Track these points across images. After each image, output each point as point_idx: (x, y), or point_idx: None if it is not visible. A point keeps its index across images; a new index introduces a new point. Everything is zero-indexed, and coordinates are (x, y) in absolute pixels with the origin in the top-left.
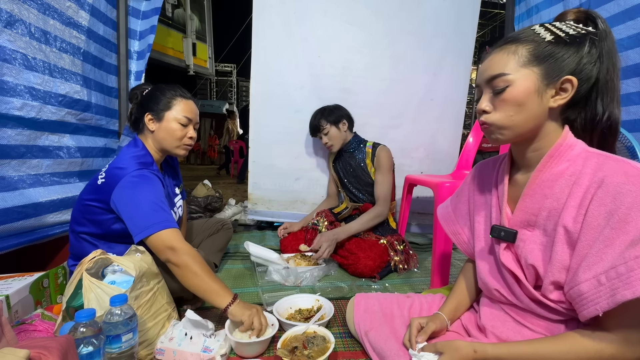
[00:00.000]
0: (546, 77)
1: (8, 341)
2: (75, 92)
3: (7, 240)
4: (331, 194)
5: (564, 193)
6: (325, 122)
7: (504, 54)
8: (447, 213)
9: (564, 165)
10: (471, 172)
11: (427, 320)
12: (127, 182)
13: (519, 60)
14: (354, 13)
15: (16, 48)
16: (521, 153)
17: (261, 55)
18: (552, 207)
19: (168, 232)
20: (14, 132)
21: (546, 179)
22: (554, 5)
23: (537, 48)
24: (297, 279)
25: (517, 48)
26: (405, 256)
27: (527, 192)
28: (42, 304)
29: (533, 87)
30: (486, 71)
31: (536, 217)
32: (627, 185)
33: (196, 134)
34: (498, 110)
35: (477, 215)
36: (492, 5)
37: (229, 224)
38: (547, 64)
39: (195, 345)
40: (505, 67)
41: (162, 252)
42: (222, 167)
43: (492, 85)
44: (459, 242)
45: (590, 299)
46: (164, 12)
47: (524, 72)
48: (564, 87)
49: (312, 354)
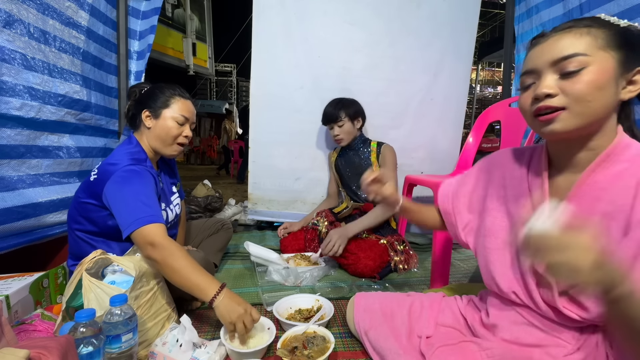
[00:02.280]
0: (623, 65)
1: (8, 341)
2: (75, 92)
3: (6, 240)
4: (331, 193)
5: (623, 196)
6: (344, 114)
7: (576, 35)
8: (447, 192)
9: (623, 165)
10: (487, 161)
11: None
12: (118, 177)
13: (595, 41)
14: (354, 13)
15: (15, 48)
16: (570, 151)
17: (261, 55)
18: (606, 211)
19: (150, 227)
20: (13, 132)
21: (600, 180)
22: (554, 5)
23: (615, 33)
24: (297, 279)
25: (590, 30)
26: (405, 256)
27: (574, 194)
28: (42, 304)
29: (612, 72)
30: (551, 52)
31: None
32: None
33: (191, 133)
34: (570, 94)
35: (491, 210)
36: (492, 5)
37: (229, 224)
38: (625, 51)
39: (184, 354)
40: (579, 48)
41: (143, 248)
42: (221, 167)
43: (560, 67)
44: (449, 222)
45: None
46: (164, 12)
47: (602, 54)
48: (635, 79)
49: (312, 354)
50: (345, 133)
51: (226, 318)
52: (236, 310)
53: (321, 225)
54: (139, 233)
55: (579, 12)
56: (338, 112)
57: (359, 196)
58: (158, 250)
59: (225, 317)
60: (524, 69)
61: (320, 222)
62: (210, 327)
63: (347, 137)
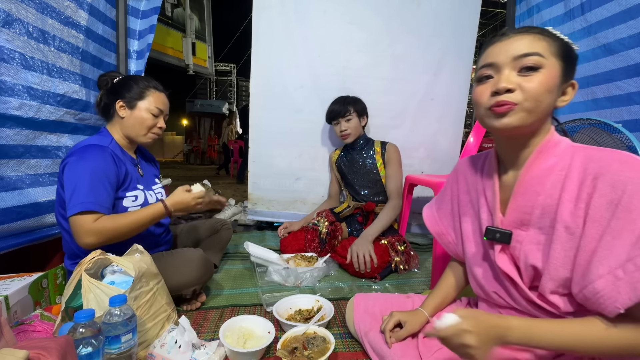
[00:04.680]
0: (564, 75)
1: (7, 342)
2: (74, 91)
3: (6, 241)
4: (333, 194)
5: (556, 188)
6: (353, 109)
7: (535, 38)
8: (431, 213)
9: (553, 160)
10: (454, 170)
11: (407, 318)
12: (68, 163)
13: (550, 48)
14: (354, 12)
15: (14, 47)
16: (514, 149)
17: (261, 54)
18: (546, 203)
19: (78, 217)
20: (12, 132)
21: (536, 175)
22: (554, 4)
23: (562, 45)
24: (297, 280)
25: (544, 37)
26: (406, 257)
27: (517, 190)
28: (41, 305)
29: (558, 79)
30: (513, 49)
31: (530, 215)
32: (624, 172)
33: (165, 124)
34: (526, 91)
35: (464, 216)
36: (493, 5)
37: (229, 224)
38: (565, 63)
39: (183, 355)
40: (538, 49)
41: (76, 239)
42: (221, 167)
43: (520, 63)
44: (444, 243)
45: (608, 296)
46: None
47: (554, 60)
48: (567, 90)
49: (312, 354)
50: (353, 128)
51: (188, 208)
52: (188, 200)
53: (321, 226)
54: (72, 221)
55: (580, 11)
56: (347, 107)
57: (361, 195)
58: (82, 239)
59: (187, 209)
60: (483, 62)
61: (321, 222)
62: (210, 328)
63: (354, 133)
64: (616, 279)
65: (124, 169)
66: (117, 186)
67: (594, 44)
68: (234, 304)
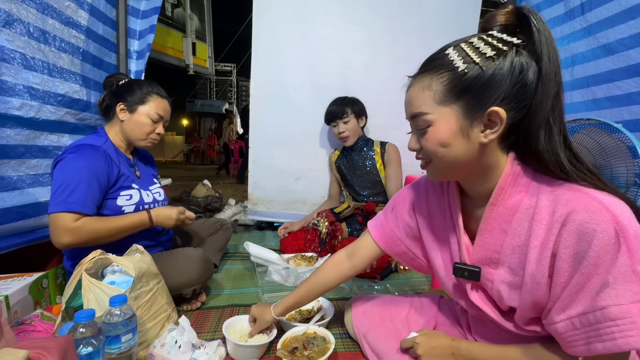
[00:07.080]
0: (468, 114)
1: (7, 342)
2: (75, 91)
3: (6, 240)
4: (333, 195)
5: (523, 229)
6: (350, 110)
7: (420, 89)
8: (384, 233)
9: (517, 197)
10: (416, 187)
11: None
12: (60, 161)
13: (434, 97)
14: (355, 12)
15: (15, 47)
16: (471, 186)
17: (261, 54)
18: (515, 243)
19: (58, 215)
20: (13, 132)
21: (502, 213)
22: (555, 4)
23: (451, 81)
24: (297, 280)
25: (431, 82)
26: None
27: (484, 227)
28: (41, 305)
29: (455, 127)
30: (407, 107)
31: (499, 254)
32: (590, 224)
33: (164, 130)
34: (426, 150)
35: (432, 242)
36: (493, 5)
37: (228, 224)
38: (466, 99)
39: (183, 355)
40: (422, 105)
41: (53, 237)
42: (221, 167)
43: (415, 124)
44: (406, 260)
45: (568, 340)
46: (164, 12)
47: (443, 110)
48: (492, 120)
49: (312, 354)
50: (351, 130)
51: (170, 220)
52: (171, 212)
53: (322, 226)
54: (50, 219)
55: (580, 11)
56: (344, 109)
57: (361, 196)
58: (62, 240)
59: (168, 221)
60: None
61: (321, 222)
62: (210, 328)
63: (352, 135)
64: (574, 327)
65: (117, 170)
66: (107, 186)
67: (594, 44)
68: (234, 304)
